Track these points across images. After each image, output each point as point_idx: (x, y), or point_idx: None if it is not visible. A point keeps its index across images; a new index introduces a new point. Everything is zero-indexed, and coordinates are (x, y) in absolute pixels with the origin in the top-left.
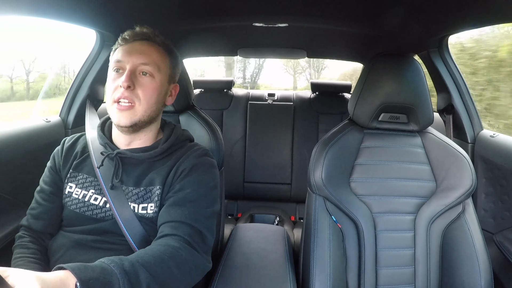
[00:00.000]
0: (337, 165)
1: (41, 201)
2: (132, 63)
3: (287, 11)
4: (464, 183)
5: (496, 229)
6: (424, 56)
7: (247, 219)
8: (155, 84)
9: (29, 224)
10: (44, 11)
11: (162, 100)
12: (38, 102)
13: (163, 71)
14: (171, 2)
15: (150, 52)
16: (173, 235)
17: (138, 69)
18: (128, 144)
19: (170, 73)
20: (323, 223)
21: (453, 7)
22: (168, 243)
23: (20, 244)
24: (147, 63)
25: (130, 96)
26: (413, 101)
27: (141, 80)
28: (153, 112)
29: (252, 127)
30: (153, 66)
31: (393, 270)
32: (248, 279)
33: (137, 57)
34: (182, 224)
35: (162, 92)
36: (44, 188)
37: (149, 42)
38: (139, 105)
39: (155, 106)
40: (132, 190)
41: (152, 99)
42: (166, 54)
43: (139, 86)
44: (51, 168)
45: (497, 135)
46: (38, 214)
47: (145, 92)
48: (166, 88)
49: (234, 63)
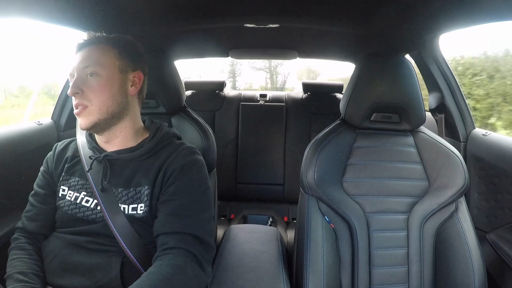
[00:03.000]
0: (329, 165)
1: (35, 204)
2: (77, 70)
3: (279, 11)
4: (457, 182)
5: (489, 227)
6: (415, 55)
7: (240, 220)
8: (102, 80)
9: (24, 226)
10: (35, 13)
11: (119, 93)
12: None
13: (108, 65)
14: (162, 4)
15: (91, 54)
16: (177, 248)
17: (83, 74)
18: (107, 143)
19: (119, 64)
20: (316, 223)
21: (444, 6)
22: (175, 262)
23: (16, 246)
24: (88, 65)
25: (81, 101)
26: (405, 101)
27: (88, 83)
28: (111, 108)
29: (244, 128)
30: (94, 65)
31: (386, 270)
32: (242, 280)
33: (79, 63)
34: (186, 235)
35: (114, 85)
36: (38, 191)
37: (91, 45)
38: (91, 105)
39: (110, 101)
40: (122, 191)
41: (102, 95)
42: (109, 47)
43: (88, 88)
44: (44, 172)
45: (489, 134)
46: (32, 216)
47: (94, 91)
48: (121, 80)
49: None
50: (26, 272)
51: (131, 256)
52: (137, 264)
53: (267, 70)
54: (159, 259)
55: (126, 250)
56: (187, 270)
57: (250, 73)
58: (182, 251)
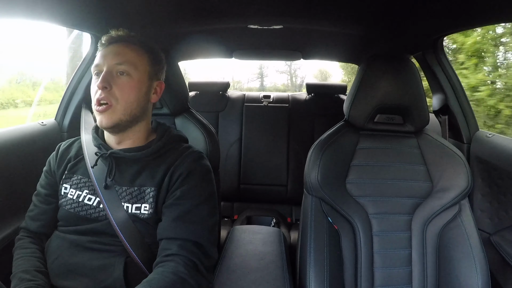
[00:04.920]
0: (333, 166)
1: (37, 203)
2: (108, 65)
3: (282, 13)
4: (460, 184)
5: (493, 229)
6: (419, 57)
7: (243, 221)
8: (133, 82)
9: (27, 225)
10: (40, 15)
11: (144, 97)
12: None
13: (140, 69)
14: (166, 5)
15: (125, 52)
16: (179, 255)
17: (115, 69)
18: (118, 144)
19: (149, 70)
20: (319, 224)
21: (447, 8)
22: (177, 271)
23: (20, 245)
24: (121, 62)
25: (107, 97)
26: (408, 102)
27: (118, 80)
28: (135, 110)
29: (248, 129)
30: (128, 64)
31: (389, 271)
32: (245, 281)
33: (112, 59)
34: (188, 243)
35: (142, 89)
36: (40, 191)
37: (124, 43)
38: (117, 104)
39: (135, 103)
40: (126, 189)
41: (130, 97)
42: (143, 51)
43: (116, 86)
44: (47, 172)
45: (493, 135)
46: (35, 215)
47: (123, 91)
48: (147, 86)
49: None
50: (29, 270)
51: (134, 256)
52: (141, 264)
53: (288, 73)
54: (161, 266)
55: (129, 249)
56: (190, 279)
57: (275, 75)
58: (184, 259)
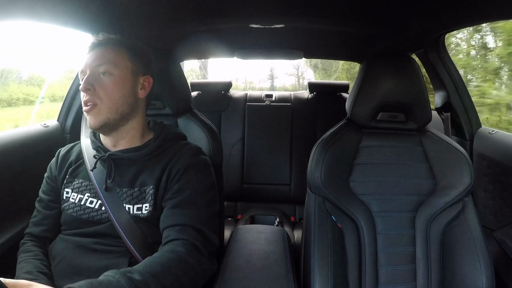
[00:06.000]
0: (336, 165)
1: (40, 209)
2: (90, 68)
3: (284, 12)
4: (463, 181)
5: (496, 225)
6: (421, 54)
7: (247, 221)
8: (114, 79)
9: (31, 231)
10: (41, 16)
11: (130, 94)
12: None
13: (121, 66)
14: (167, 5)
15: (103, 53)
16: (179, 239)
17: (96, 72)
18: (114, 145)
19: (131, 66)
20: (323, 223)
21: (449, 5)
22: (175, 250)
23: (24, 249)
24: (101, 63)
25: (92, 98)
26: (411, 100)
27: (100, 80)
28: (121, 107)
29: (251, 129)
30: (108, 64)
31: (394, 269)
32: (249, 281)
33: (93, 62)
34: (187, 227)
35: (125, 86)
36: (43, 197)
37: (103, 46)
38: (101, 104)
39: (120, 100)
40: (126, 191)
41: (113, 94)
42: (123, 50)
43: (99, 86)
44: (48, 178)
45: (496, 132)
46: (38, 221)
47: (105, 89)
48: (132, 81)
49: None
50: (32, 271)
51: (138, 256)
52: None
53: (296, 75)
54: (161, 248)
55: (132, 250)
56: (189, 258)
57: (284, 77)
58: (184, 242)
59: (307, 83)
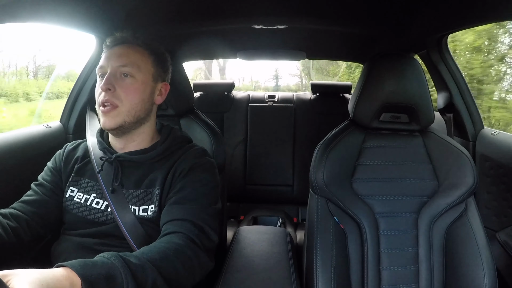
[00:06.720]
0: (338, 166)
1: (38, 191)
2: (112, 67)
3: (286, 12)
4: (466, 182)
5: (499, 226)
6: (423, 55)
7: (249, 222)
8: (136, 83)
9: (15, 206)
10: (43, 17)
11: (148, 99)
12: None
13: (144, 70)
14: (170, 6)
15: (129, 54)
16: (176, 232)
17: (118, 71)
18: (123, 147)
19: (153, 71)
20: (326, 224)
21: (452, 6)
22: (172, 241)
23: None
24: (125, 64)
25: (111, 98)
26: (413, 101)
27: (122, 82)
28: (139, 112)
29: (253, 129)
30: (132, 66)
31: (396, 270)
32: (252, 282)
33: (115, 60)
34: (185, 222)
35: (146, 91)
36: (45, 184)
37: (128, 45)
38: (121, 106)
39: (139, 105)
40: (132, 192)
41: (134, 98)
42: (147, 53)
43: (120, 88)
44: (52, 168)
45: (498, 133)
46: (31, 201)
47: (126, 92)
48: (152, 87)
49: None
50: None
51: None
52: None
53: (299, 76)
54: (157, 240)
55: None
56: (186, 250)
57: (288, 77)
58: (182, 235)
59: (310, 84)
